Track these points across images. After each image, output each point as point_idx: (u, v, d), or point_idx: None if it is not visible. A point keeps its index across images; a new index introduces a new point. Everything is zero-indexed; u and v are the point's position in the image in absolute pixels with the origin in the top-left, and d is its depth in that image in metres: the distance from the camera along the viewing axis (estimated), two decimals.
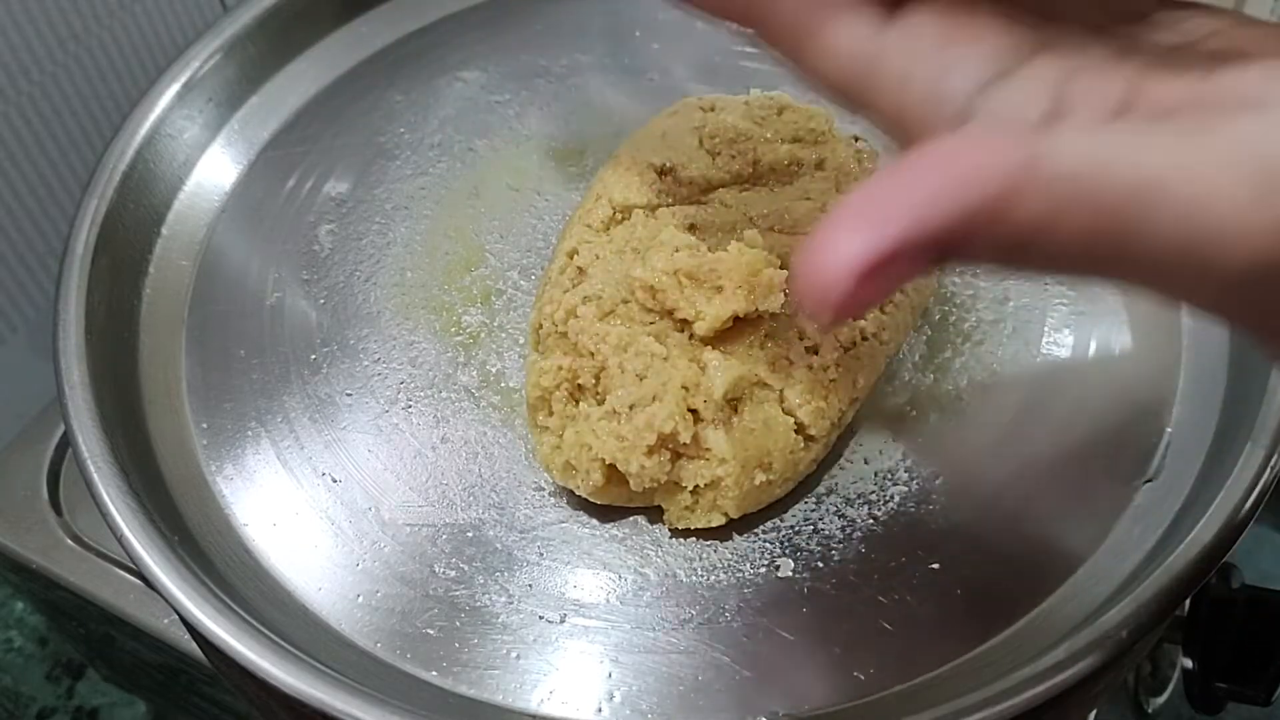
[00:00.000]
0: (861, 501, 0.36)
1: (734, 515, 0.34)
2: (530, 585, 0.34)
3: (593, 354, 0.35)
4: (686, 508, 0.34)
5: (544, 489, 0.36)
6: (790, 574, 0.34)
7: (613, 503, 0.35)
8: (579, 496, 0.35)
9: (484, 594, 0.34)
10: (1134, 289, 0.20)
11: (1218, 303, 0.20)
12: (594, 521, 0.35)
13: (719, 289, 0.34)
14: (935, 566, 0.34)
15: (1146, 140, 0.18)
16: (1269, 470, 0.33)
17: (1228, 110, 0.19)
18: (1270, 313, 0.20)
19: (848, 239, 0.18)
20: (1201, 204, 0.18)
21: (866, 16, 0.23)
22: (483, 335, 0.40)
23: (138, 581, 0.44)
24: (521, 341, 0.40)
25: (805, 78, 0.25)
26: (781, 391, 0.34)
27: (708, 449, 0.33)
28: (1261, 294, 0.19)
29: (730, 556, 0.35)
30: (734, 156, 0.40)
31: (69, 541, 0.46)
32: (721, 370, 0.34)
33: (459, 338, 0.40)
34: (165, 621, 0.44)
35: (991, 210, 0.17)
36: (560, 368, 0.35)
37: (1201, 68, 0.20)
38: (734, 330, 0.35)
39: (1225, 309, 0.20)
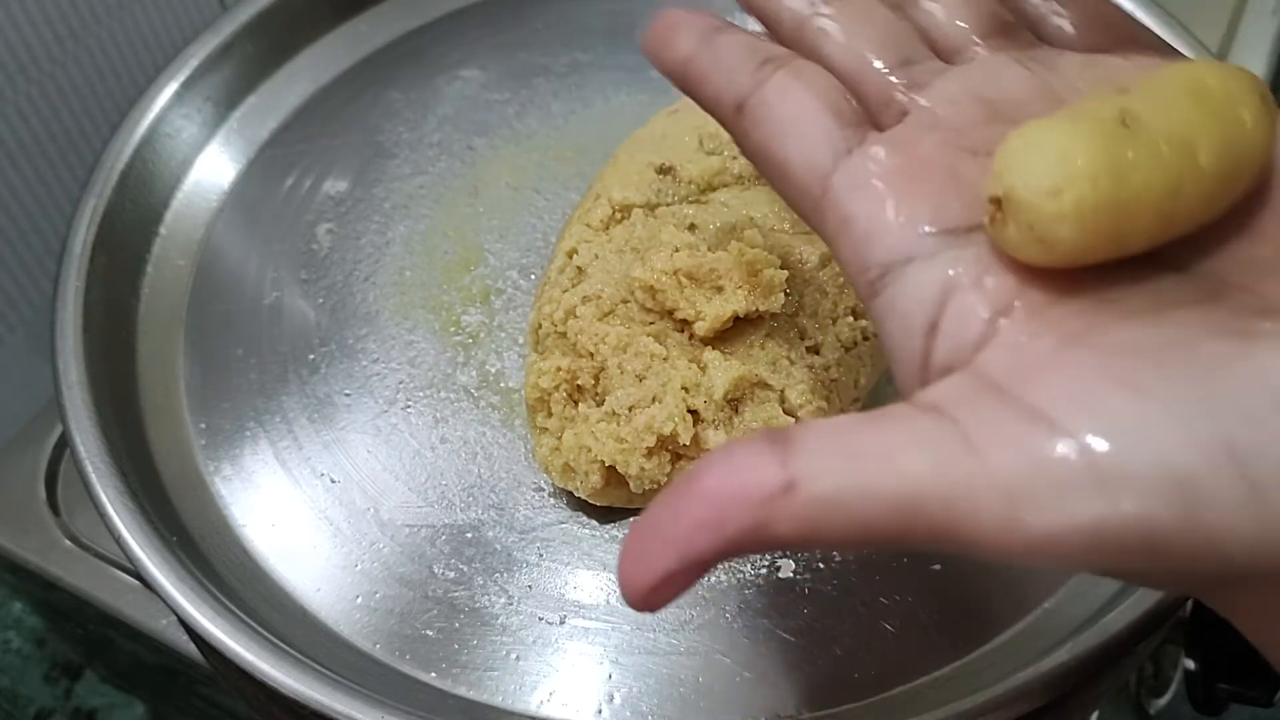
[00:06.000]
0: None
1: None
2: (530, 586, 0.34)
3: (592, 354, 0.34)
4: None
5: (543, 489, 0.36)
6: (791, 575, 0.34)
7: (612, 504, 0.35)
8: (579, 497, 0.35)
9: (483, 595, 0.34)
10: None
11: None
12: (594, 522, 0.35)
13: (719, 289, 0.34)
14: (937, 567, 0.34)
15: (914, 451, 0.18)
16: None
17: (1021, 420, 0.18)
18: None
19: (633, 566, 0.20)
20: (957, 520, 0.18)
21: (831, 137, 0.23)
22: (482, 335, 0.40)
23: (136, 582, 0.44)
24: (521, 341, 0.39)
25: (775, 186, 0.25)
26: (783, 391, 0.34)
27: (708, 450, 0.33)
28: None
29: None
30: (735, 157, 0.40)
31: (67, 542, 0.45)
32: (722, 370, 0.33)
33: (458, 337, 0.40)
34: (164, 622, 0.44)
35: (753, 532, 0.18)
36: (559, 369, 0.34)
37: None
38: (734, 330, 0.35)
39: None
